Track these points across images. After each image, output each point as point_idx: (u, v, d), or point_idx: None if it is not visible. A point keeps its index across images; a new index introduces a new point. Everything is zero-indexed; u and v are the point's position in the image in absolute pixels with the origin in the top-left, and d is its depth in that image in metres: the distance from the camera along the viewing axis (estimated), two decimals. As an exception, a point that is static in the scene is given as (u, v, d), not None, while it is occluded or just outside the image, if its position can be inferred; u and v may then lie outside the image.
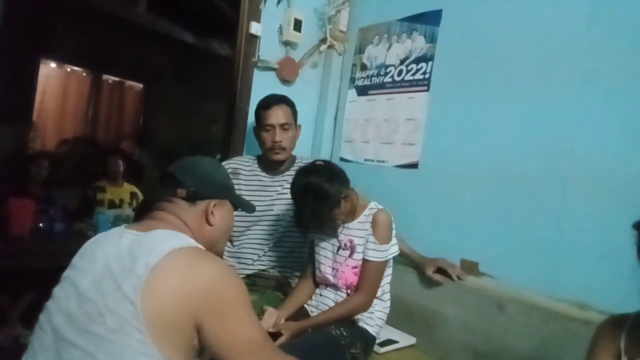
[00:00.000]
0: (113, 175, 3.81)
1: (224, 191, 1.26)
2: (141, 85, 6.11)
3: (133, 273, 0.92)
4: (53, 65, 5.32)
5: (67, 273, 1.06)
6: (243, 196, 1.69)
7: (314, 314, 1.75)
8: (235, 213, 1.98)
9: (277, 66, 2.53)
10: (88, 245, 1.11)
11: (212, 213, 1.18)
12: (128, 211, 3.20)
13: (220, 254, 1.25)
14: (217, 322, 0.94)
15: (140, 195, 3.87)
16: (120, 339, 0.88)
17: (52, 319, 0.98)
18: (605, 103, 1.59)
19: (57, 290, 1.03)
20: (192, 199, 1.16)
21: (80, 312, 0.94)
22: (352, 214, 1.72)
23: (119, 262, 0.96)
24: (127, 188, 3.87)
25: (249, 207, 1.42)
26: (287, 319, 1.65)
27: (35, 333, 1.01)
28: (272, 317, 1.61)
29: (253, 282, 1.99)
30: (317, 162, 1.71)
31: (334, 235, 1.74)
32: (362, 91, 2.56)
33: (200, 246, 1.06)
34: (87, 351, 0.90)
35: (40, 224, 2.67)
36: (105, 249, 1.03)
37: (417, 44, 2.26)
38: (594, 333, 1.15)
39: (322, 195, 1.57)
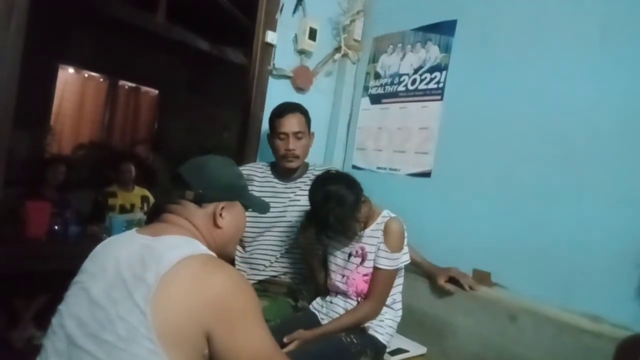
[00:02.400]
0: (125, 182, 3.85)
1: (234, 192, 1.21)
2: (156, 92, 6.18)
3: (144, 282, 0.92)
4: (71, 70, 5.40)
5: (78, 277, 1.06)
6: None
7: (324, 321, 1.75)
8: (248, 220, 2.00)
9: (291, 74, 2.55)
10: (99, 249, 1.11)
11: (220, 216, 1.15)
12: (139, 215, 3.21)
13: (230, 257, 1.22)
14: (226, 332, 0.93)
15: (152, 199, 3.90)
16: (131, 347, 0.88)
17: (64, 323, 0.98)
18: (621, 111, 1.58)
19: (69, 295, 1.03)
20: (199, 201, 1.14)
21: (91, 318, 0.94)
22: (367, 220, 1.73)
23: (130, 269, 0.96)
24: (138, 192, 3.90)
25: (261, 208, 1.37)
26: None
27: (48, 337, 1.01)
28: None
29: (264, 288, 2.00)
30: (331, 171, 1.73)
31: (356, 239, 1.73)
32: (376, 100, 2.57)
33: (212, 253, 1.04)
34: (98, 358, 0.89)
35: (56, 227, 2.69)
36: (116, 254, 1.02)
37: (432, 53, 2.27)
38: (614, 354, 1.13)
39: (344, 201, 1.59)
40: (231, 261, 2.11)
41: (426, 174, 2.20)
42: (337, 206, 1.58)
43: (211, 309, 0.93)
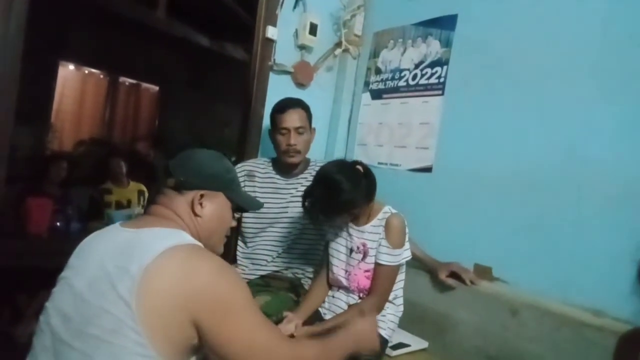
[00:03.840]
0: (116, 177, 3.84)
1: (216, 183, 1.20)
2: (157, 88, 6.17)
3: (127, 273, 0.91)
4: (71, 67, 5.40)
5: (64, 273, 1.06)
6: (258, 198, 1.68)
7: (327, 315, 1.76)
8: (249, 216, 2.01)
9: (292, 70, 2.55)
10: (83, 244, 1.11)
11: (200, 205, 1.15)
12: (137, 210, 3.22)
13: (215, 249, 1.21)
14: (215, 322, 0.93)
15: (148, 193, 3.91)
16: (117, 340, 0.88)
17: (50, 320, 0.97)
18: (621, 108, 1.58)
19: (55, 292, 1.03)
20: (179, 188, 1.15)
21: (76, 313, 0.93)
22: (357, 219, 1.71)
23: (114, 262, 0.95)
24: (134, 187, 3.91)
25: (249, 205, 1.36)
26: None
27: (36, 334, 1.01)
28: (292, 322, 1.62)
29: (266, 283, 2.01)
30: (357, 166, 1.64)
31: (357, 234, 1.73)
32: (377, 95, 2.57)
33: (197, 243, 1.04)
34: (84, 353, 0.89)
35: (58, 223, 2.71)
36: (99, 248, 1.02)
37: (432, 48, 2.27)
38: (615, 347, 1.13)
39: (334, 199, 1.55)
40: (232, 257, 2.12)
41: (427, 169, 2.20)
42: (327, 196, 1.56)
43: (197, 298, 0.92)
